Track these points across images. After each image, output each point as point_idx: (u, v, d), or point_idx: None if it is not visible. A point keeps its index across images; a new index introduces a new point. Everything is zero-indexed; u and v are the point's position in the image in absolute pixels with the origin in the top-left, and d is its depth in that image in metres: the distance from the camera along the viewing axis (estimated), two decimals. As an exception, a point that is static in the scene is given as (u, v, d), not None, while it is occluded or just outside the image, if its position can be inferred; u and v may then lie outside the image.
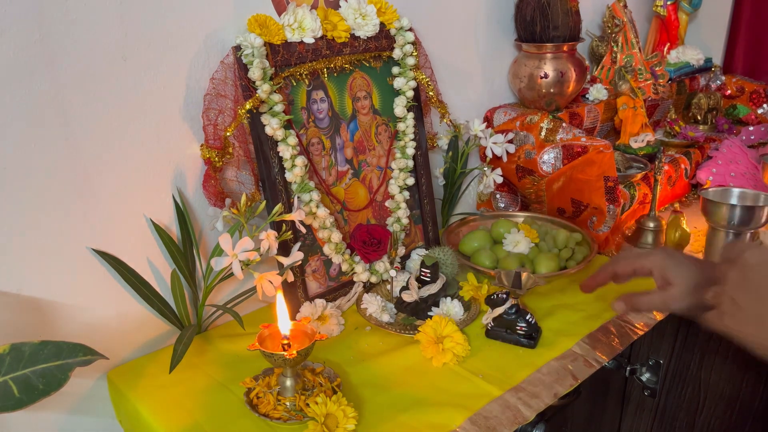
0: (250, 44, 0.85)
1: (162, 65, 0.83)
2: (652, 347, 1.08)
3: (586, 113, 1.41)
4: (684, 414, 1.08)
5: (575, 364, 0.85)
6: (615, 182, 1.16)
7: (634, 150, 1.43)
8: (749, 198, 1.11)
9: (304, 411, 0.74)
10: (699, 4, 1.78)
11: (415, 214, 1.13)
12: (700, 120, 1.74)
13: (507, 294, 0.90)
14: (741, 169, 1.43)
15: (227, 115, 0.88)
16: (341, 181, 1.02)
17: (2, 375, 0.56)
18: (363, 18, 0.98)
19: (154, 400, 0.80)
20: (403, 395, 0.79)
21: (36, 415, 0.82)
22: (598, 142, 1.17)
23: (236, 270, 0.79)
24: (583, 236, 1.13)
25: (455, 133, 1.20)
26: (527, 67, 1.29)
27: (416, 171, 1.10)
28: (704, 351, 1.02)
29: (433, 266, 0.95)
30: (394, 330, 0.93)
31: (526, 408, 0.76)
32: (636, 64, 1.56)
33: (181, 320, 0.91)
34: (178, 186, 0.90)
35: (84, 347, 0.61)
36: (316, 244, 0.98)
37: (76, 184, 0.79)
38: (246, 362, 0.86)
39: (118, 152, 0.82)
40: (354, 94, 1.02)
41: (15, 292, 0.77)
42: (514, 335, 0.89)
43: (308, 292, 0.98)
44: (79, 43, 0.75)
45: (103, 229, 0.83)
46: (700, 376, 1.04)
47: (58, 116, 0.75)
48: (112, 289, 0.86)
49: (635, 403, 1.15)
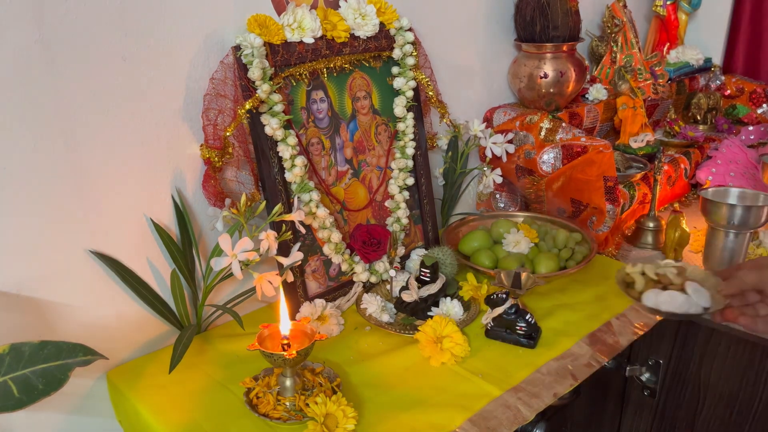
0: (249, 44, 0.85)
1: (162, 65, 0.83)
2: (651, 347, 1.08)
3: (585, 113, 1.41)
4: (684, 414, 1.08)
5: (575, 364, 0.85)
6: (615, 182, 1.16)
7: (634, 150, 1.44)
8: (749, 198, 1.11)
9: (303, 411, 0.74)
10: (699, 4, 1.78)
11: (415, 214, 1.13)
12: (700, 120, 1.74)
13: (507, 294, 0.90)
14: (740, 168, 1.43)
15: (227, 115, 0.88)
16: (341, 181, 1.02)
17: (2, 375, 0.56)
18: (363, 18, 0.98)
19: (153, 400, 0.80)
20: (403, 395, 0.79)
21: (36, 415, 0.82)
22: (597, 142, 1.17)
23: (236, 270, 0.79)
24: (583, 236, 1.13)
25: (455, 133, 1.20)
26: (527, 67, 1.29)
27: (416, 171, 1.10)
28: (704, 351, 1.02)
29: (433, 266, 0.95)
30: (394, 330, 0.93)
31: (526, 408, 0.76)
32: (636, 64, 1.56)
33: (180, 320, 0.91)
34: (178, 186, 0.90)
35: (84, 347, 0.61)
36: (315, 244, 0.98)
37: (75, 184, 0.79)
38: (246, 362, 0.86)
39: (117, 152, 0.82)
40: (354, 94, 1.02)
41: (15, 292, 0.77)
42: (513, 335, 0.89)
43: (308, 292, 0.98)
44: (79, 43, 0.75)
45: (103, 229, 0.83)
46: (699, 376, 1.04)
47: (57, 116, 0.75)
48: (112, 289, 0.86)
49: (635, 403, 1.15)
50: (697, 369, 1.04)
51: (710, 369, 1.02)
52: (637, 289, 0.83)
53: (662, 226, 1.23)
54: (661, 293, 0.80)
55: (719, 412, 1.03)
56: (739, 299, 0.77)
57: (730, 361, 0.99)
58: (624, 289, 0.84)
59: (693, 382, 1.05)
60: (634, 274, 0.85)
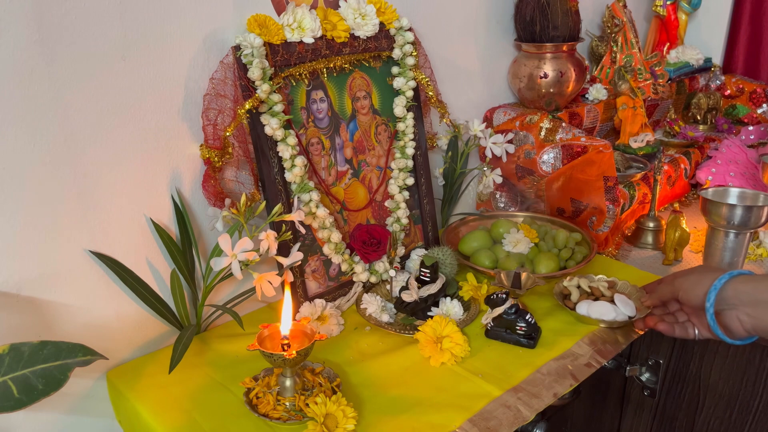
0: (249, 44, 0.85)
1: (161, 65, 0.83)
2: (651, 347, 1.08)
3: (585, 113, 1.41)
4: (683, 414, 1.08)
5: (575, 364, 0.85)
6: (615, 182, 1.16)
7: (634, 150, 1.43)
8: (749, 198, 1.11)
9: (303, 411, 0.74)
10: (699, 3, 1.78)
11: (415, 214, 1.13)
12: (700, 120, 1.74)
13: (507, 294, 0.90)
14: (740, 169, 1.43)
15: (227, 115, 0.88)
16: (341, 181, 1.02)
17: (2, 375, 0.56)
18: (362, 18, 0.98)
19: (153, 400, 0.80)
20: (403, 395, 0.79)
21: (36, 415, 0.82)
22: (597, 142, 1.17)
23: (235, 270, 0.79)
24: (583, 236, 1.13)
25: (455, 133, 1.20)
26: (527, 66, 1.29)
27: (416, 171, 1.10)
28: (704, 351, 1.02)
29: (433, 266, 0.95)
30: (394, 330, 0.93)
31: (526, 408, 0.76)
32: (635, 64, 1.56)
33: (180, 320, 0.91)
34: (177, 186, 0.90)
35: (83, 347, 0.61)
36: (315, 244, 0.98)
37: (75, 183, 0.79)
38: (245, 362, 0.86)
39: (117, 152, 0.82)
40: (353, 94, 1.02)
41: (15, 293, 0.77)
42: (513, 335, 0.89)
43: (308, 292, 0.98)
44: (78, 43, 0.75)
45: (103, 228, 0.83)
46: (699, 376, 1.04)
47: (57, 116, 0.75)
48: (112, 289, 0.86)
49: (635, 403, 1.15)
50: (697, 369, 1.04)
51: (710, 369, 1.02)
52: (572, 300, 0.96)
53: (662, 226, 1.23)
54: (593, 303, 0.93)
55: (719, 412, 1.03)
56: (662, 309, 0.91)
57: (730, 361, 1.00)
58: (561, 300, 0.96)
59: (693, 382, 1.05)
60: (570, 287, 0.98)
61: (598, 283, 0.98)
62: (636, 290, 0.97)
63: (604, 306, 0.92)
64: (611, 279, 1.00)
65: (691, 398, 1.06)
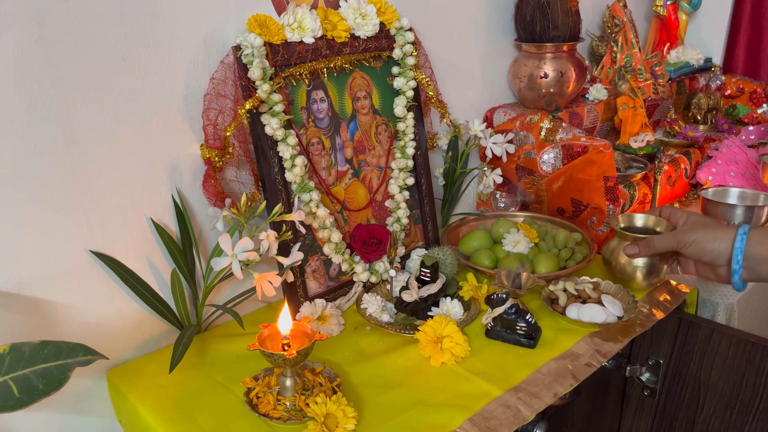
0: (249, 44, 0.85)
1: (162, 65, 0.83)
2: (651, 347, 1.08)
3: (585, 113, 1.41)
4: (684, 414, 1.08)
5: (575, 364, 0.85)
6: (615, 182, 1.16)
7: (634, 150, 1.44)
8: (749, 198, 1.11)
9: (303, 411, 0.74)
10: (699, 4, 1.78)
11: (415, 214, 1.13)
12: (700, 120, 1.74)
13: (507, 294, 0.90)
14: (741, 168, 1.43)
15: (227, 115, 0.88)
16: (341, 181, 1.02)
17: (2, 375, 0.56)
18: (363, 18, 0.98)
19: (153, 400, 0.80)
20: (403, 395, 0.79)
21: (36, 415, 0.82)
22: (597, 142, 1.17)
23: (236, 270, 0.79)
24: (583, 236, 1.13)
25: (455, 133, 1.20)
26: (527, 66, 1.29)
27: (416, 171, 1.10)
28: (704, 351, 1.02)
29: (433, 266, 0.95)
30: (394, 330, 0.93)
31: (526, 408, 0.76)
32: (636, 64, 1.56)
33: (180, 320, 0.91)
34: (178, 186, 0.90)
35: (84, 347, 0.61)
36: (315, 244, 0.98)
37: (75, 183, 0.79)
38: (246, 362, 0.86)
39: (117, 152, 0.82)
40: (354, 93, 1.02)
41: (15, 292, 0.77)
42: (514, 335, 0.89)
43: (308, 292, 0.98)
44: (79, 43, 0.75)
45: (103, 228, 0.83)
46: (699, 376, 1.04)
47: (57, 116, 0.75)
48: (112, 289, 0.86)
49: (635, 403, 1.15)
50: (697, 369, 1.04)
51: (710, 369, 1.02)
52: (561, 304, 0.96)
53: (662, 226, 1.23)
54: (582, 306, 0.93)
55: (719, 412, 1.03)
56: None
57: (730, 361, 1.00)
58: (549, 305, 0.96)
59: (693, 382, 1.05)
60: (557, 291, 0.98)
61: (584, 285, 0.98)
62: (620, 289, 0.98)
63: (593, 308, 0.92)
64: (595, 280, 1.01)
65: (691, 398, 1.06)
